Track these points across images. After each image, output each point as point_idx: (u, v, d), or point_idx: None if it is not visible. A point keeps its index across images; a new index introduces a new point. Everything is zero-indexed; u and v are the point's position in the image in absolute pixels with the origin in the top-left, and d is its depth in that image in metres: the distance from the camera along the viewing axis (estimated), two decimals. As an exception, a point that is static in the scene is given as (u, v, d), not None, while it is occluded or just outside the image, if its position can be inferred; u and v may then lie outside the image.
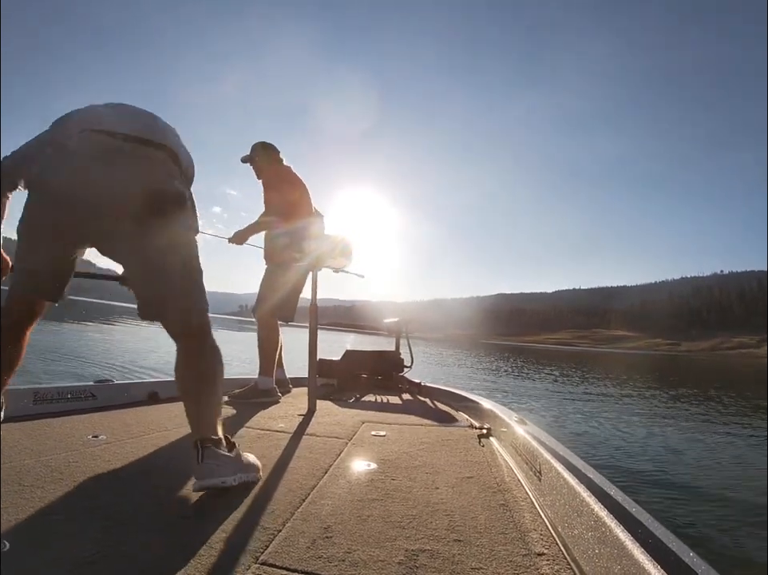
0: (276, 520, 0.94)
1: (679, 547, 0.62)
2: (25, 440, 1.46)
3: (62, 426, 1.69)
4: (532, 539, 0.88)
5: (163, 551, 0.79)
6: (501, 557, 0.81)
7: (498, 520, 0.97)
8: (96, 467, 1.24)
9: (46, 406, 1.93)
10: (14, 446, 1.38)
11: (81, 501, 0.99)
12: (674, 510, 2.92)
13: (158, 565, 0.74)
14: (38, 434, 1.56)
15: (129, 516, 0.94)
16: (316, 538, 0.86)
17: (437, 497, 1.09)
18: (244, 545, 0.82)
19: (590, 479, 0.91)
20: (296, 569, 0.75)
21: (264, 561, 0.77)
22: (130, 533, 0.85)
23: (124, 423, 1.79)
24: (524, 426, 1.46)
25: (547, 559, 0.80)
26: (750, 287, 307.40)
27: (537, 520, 0.98)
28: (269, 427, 1.85)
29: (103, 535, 0.84)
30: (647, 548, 0.61)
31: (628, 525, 0.68)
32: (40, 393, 1.93)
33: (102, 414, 1.96)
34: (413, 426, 1.96)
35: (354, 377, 3.29)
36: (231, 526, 0.90)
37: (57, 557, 0.75)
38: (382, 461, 1.40)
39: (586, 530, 0.77)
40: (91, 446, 1.44)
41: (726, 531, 2.58)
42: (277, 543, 0.84)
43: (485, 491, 1.15)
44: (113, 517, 0.93)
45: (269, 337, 2.67)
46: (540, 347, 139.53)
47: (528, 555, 0.82)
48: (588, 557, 0.74)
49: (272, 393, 2.55)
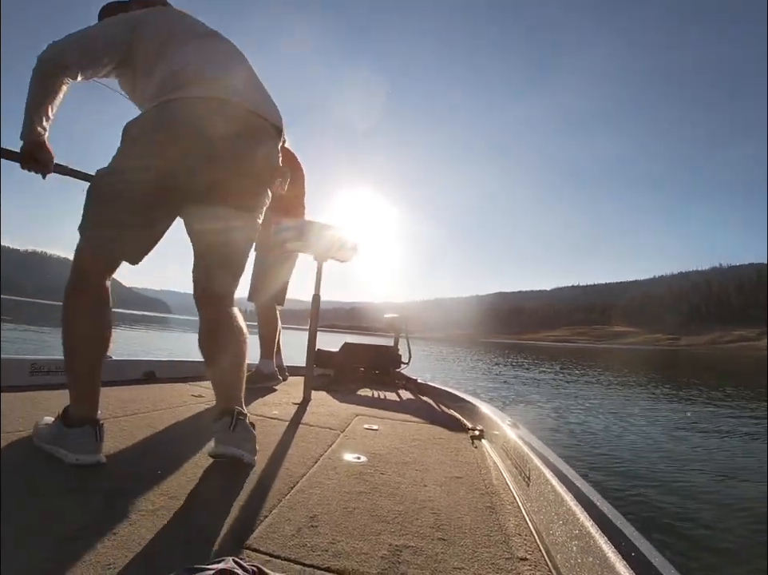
0: (263, 506, 0.95)
1: (662, 563, 0.62)
2: (19, 411, 1.47)
3: (58, 399, 1.70)
4: (515, 543, 0.89)
5: (148, 530, 0.79)
6: (484, 558, 0.81)
7: (483, 522, 0.97)
8: None
9: (43, 377, 1.94)
10: (7, 416, 1.39)
11: (71, 478, 1.00)
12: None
13: (141, 543, 0.75)
14: (33, 405, 1.57)
15: (118, 494, 0.94)
16: (302, 527, 0.86)
17: (424, 495, 1.10)
18: (230, 529, 0.83)
19: (578, 488, 0.91)
20: (279, 556, 0.75)
21: (248, 546, 0.77)
22: (117, 511, 0.86)
23: (120, 400, 1.80)
24: (517, 431, 1.46)
25: (529, 564, 0.81)
26: (749, 280, 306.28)
27: (522, 524, 0.98)
28: (263, 413, 1.86)
29: (89, 512, 0.85)
30: (630, 562, 0.61)
31: (612, 537, 0.68)
32: (37, 364, 1.94)
33: None
34: (406, 423, 1.96)
35: (351, 370, 3.30)
36: (217, 509, 0.91)
37: (43, 531, 0.76)
38: (373, 455, 1.40)
39: (570, 539, 0.78)
40: None
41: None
42: (262, 529, 0.84)
43: (473, 492, 1.15)
44: (101, 495, 0.93)
45: (268, 322, 2.74)
46: (542, 345, 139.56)
47: (510, 559, 0.82)
48: (570, 566, 0.74)
49: (275, 376, 2.65)
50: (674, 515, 2.72)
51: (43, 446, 1.14)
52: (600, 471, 3.60)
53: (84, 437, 1.09)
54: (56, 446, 1.11)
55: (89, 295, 1.18)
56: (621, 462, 3.91)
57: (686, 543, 2.30)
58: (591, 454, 4.20)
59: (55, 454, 1.10)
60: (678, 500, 3.02)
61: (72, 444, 1.09)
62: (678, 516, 2.71)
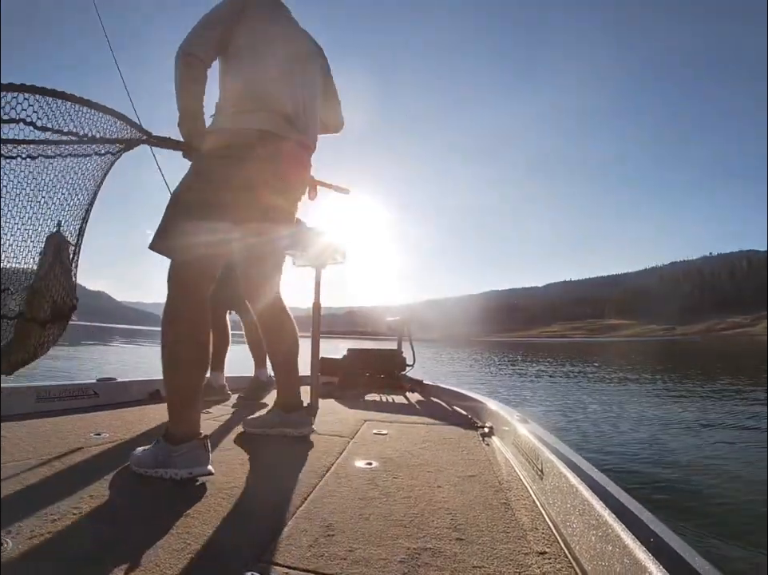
0: (278, 518, 0.94)
1: (681, 546, 0.62)
2: (27, 438, 1.47)
3: (64, 424, 1.69)
4: (533, 538, 0.88)
5: (164, 551, 0.79)
6: (503, 555, 0.81)
7: (500, 518, 0.97)
8: (99, 466, 1.25)
9: (48, 404, 1.94)
10: (16, 445, 1.38)
11: (83, 500, 1.00)
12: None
13: (159, 563, 0.74)
14: (40, 432, 1.56)
15: (131, 515, 0.94)
16: (318, 536, 0.86)
17: (438, 496, 1.09)
18: (246, 543, 0.82)
19: (592, 478, 0.91)
20: (298, 567, 0.75)
21: (266, 559, 0.77)
22: (132, 531, 0.86)
23: (126, 421, 1.80)
24: (527, 425, 1.46)
25: (548, 558, 0.80)
26: (740, 268, 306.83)
27: (539, 519, 0.98)
28: None
29: (104, 534, 0.84)
30: (649, 547, 0.61)
31: (630, 524, 0.68)
32: (42, 391, 1.94)
33: (105, 412, 1.97)
34: (415, 425, 1.96)
35: (357, 375, 3.29)
36: (233, 524, 0.90)
37: (57, 556, 0.76)
38: (384, 459, 1.40)
39: (588, 529, 0.77)
40: (93, 445, 1.45)
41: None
42: (279, 541, 0.84)
43: (487, 490, 1.15)
44: (115, 516, 0.93)
45: (257, 331, 2.66)
46: (539, 341, 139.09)
47: (529, 554, 0.82)
48: (590, 556, 0.74)
49: (271, 382, 2.57)
50: (690, 497, 2.71)
51: (148, 472, 1.17)
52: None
53: (193, 450, 1.15)
54: (162, 467, 1.14)
55: (195, 315, 1.25)
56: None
57: (702, 524, 2.29)
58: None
59: (163, 476, 1.13)
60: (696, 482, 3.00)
61: (181, 460, 1.14)
62: (694, 497, 2.70)
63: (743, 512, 2.49)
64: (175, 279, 1.25)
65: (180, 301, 1.25)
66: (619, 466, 3.55)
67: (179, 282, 1.26)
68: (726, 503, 2.67)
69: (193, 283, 1.26)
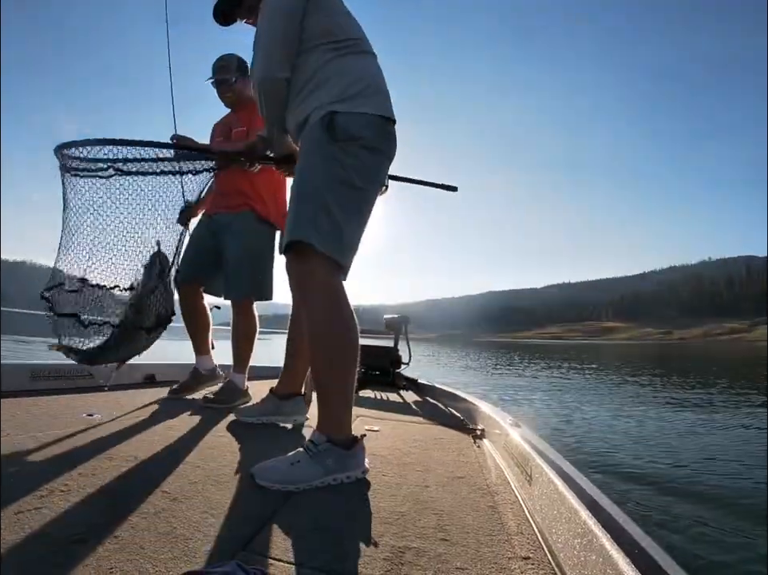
0: (265, 509, 0.94)
1: (665, 560, 0.62)
2: (20, 416, 1.47)
3: (58, 404, 1.70)
4: (518, 542, 0.88)
5: (150, 534, 0.79)
6: (487, 558, 0.81)
7: (486, 521, 0.97)
8: (90, 446, 1.25)
9: (43, 382, 1.94)
10: (9, 421, 1.39)
11: (72, 480, 1.00)
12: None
13: (144, 547, 0.75)
14: (33, 410, 1.57)
15: (120, 496, 0.94)
16: (304, 529, 0.86)
17: (426, 496, 1.10)
18: (232, 531, 0.83)
19: (580, 486, 0.91)
20: (282, 559, 0.75)
21: (252, 549, 0.77)
22: (119, 513, 0.86)
23: (120, 403, 1.80)
24: (518, 430, 1.46)
25: (532, 563, 0.80)
26: (739, 273, 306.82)
27: (525, 524, 0.98)
28: None
29: (92, 514, 0.85)
30: (634, 559, 0.61)
31: (616, 536, 0.68)
32: (37, 370, 1.94)
33: (98, 394, 1.97)
34: (407, 423, 1.96)
35: None
36: (220, 512, 0.91)
37: (44, 533, 0.76)
38: (374, 456, 1.40)
39: (573, 537, 0.77)
40: (85, 425, 1.45)
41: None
42: (265, 532, 0.84)
43: (475, 492, 1.15)
44: (104, 497, 0.93)
45: (249, 324, 2.10)
46: (537, 343, 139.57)
47: (513, 558, 0.82)
48: (573, 564, 0.74)
49: (246, 393, 2.08)
50: (679, 511, 2.72)
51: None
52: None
53: (361, 451, 1.20)
54: (340, 473, 1.14)
55: (352, 315, 1.23)
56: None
57: (689, 539, 2.30)
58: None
59: (331, 482, 1.12)
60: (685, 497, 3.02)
61: (354, 462, 1.17)
62: (682, 510, 2.71)
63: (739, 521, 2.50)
64: (332, 279, 1.18)
65: (342, 302, 1.19)
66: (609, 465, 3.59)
67: (336, 282, 1.19)
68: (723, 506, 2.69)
69: (342, 283, 1.22)
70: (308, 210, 1.16)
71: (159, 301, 1.35)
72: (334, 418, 1.19)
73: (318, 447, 1.13)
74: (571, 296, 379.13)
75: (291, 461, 1.12)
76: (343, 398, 1.21)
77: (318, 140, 1.19)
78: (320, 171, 1.18)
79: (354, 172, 1.19)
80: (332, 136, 1.18)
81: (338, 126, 1.18)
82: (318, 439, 1.15)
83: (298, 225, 1.15)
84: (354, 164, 1.19)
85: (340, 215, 1.17)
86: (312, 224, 1.14)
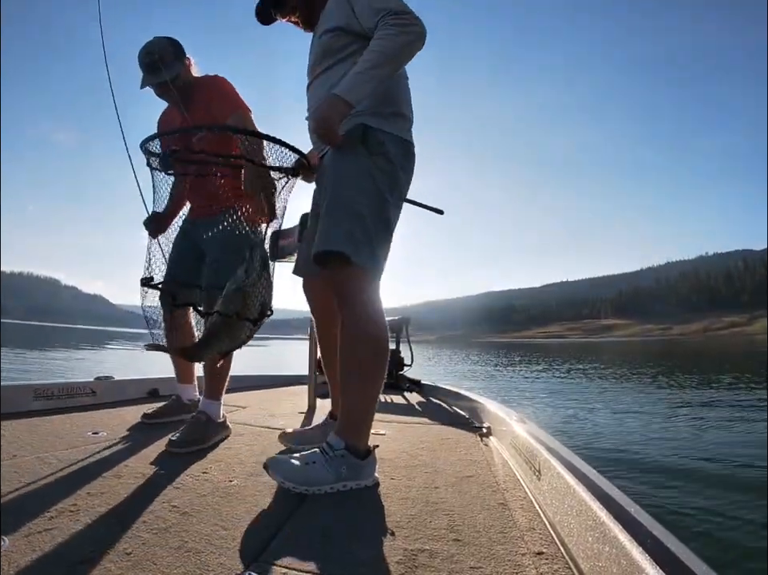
0: (276, 518, 0.94)
1: (679, 548, 0.62)
2: (24, 436, 1.46)
3: (62, 423, 1.69)
4: (531, 538, 0.88)
5: (161, 549, 0.79)
6: (500, 556, 0.81)
7: (497, 519, 0.97)
8: (96, 464, 1.25)
9: (46, 402, 1.93)
10: (14, 443, 1.38)
11: (80, 499, 1.00)
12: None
13: (156, 562, 0.74)
14: (38, 430, 1.56)
15: (128, 513, 0.94)
16: (316, 537, 0.86)
17: (436, 497, 1.10)
18: (244, 544, 0.82)
19: (589, 479, 0.91)
20: (295, 568, 0.75)
21: (265, 559, 0.77)
22: (128, 530, 0.85)
23: (124, 420, 1.80)
24: (524, 425, 1.46)
25: (546, 558, 0.80)
26: (737, 267, 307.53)
27: (536, 519, 0.98)
28: (269, 425, 1.85)
29: (101, 533, 0.84)
30: (646, 548, 0.61)
31: (628, 526, 0.68)
32: (40, 389, 1.93)
33: (102, 411, 1.97)
34: (413, 425, 1.96)
35: None
36: (231, 524, 0.90)
37: (55, 554, 0.75)
38: (382, 460, 1.40)
39: (585, 530, 0.77)
40: (90, 443, 1.44)
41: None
42: (277, 542, 0.84)
43: (485, 490, 1.15)
44: (112, 515, 0.93)
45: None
46: (539, 342, 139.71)
47: (526, 554, 0.82)
48: (587, 557, 0.74)
49: (225, 427, 1.67)
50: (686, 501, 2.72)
51: (332, 487, 1.10)
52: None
53: (374, 461, 1.20)
54: (351, 480, 1.12)
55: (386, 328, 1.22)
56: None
57: (702, 528, 2.30)
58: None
59: (342, 488, 1.11)
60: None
61: (367, 471, 1.16)
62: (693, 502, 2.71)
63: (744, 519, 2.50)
64: (370, 291, 1.21)
65: (380, 315, 1.21)
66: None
67: (373, 291, 1.21)
68: (727, 504, 2.69)
69: (378, 292, 1.24)
70: (345, 222, 1.17)
71: (263, 291, 1.32)
72: (355, 426, 1.19)
73: (335, 452, 1.13)
74: (570, 294, 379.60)
75: (307, 460, 1.12)
76: (369, 406, 1.20)
77: (355, 152, 1.20)
78: (358, 183, 1.20)
79: (386, 186, 1.22)
80: (368, 150, 1.19)
81: (373, 140, 1.20)
82: (336, 444, 1.14)
83: (336, 236, 1.16)
84: (385, 180, 1.22)
85: (374, 228, 1.19)
86: (349, 237, 1.16)
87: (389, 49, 1.15)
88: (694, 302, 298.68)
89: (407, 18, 1.16)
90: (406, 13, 1.17)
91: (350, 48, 1.27)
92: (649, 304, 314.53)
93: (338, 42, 1.28)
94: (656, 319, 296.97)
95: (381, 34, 1.16)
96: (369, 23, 1.21)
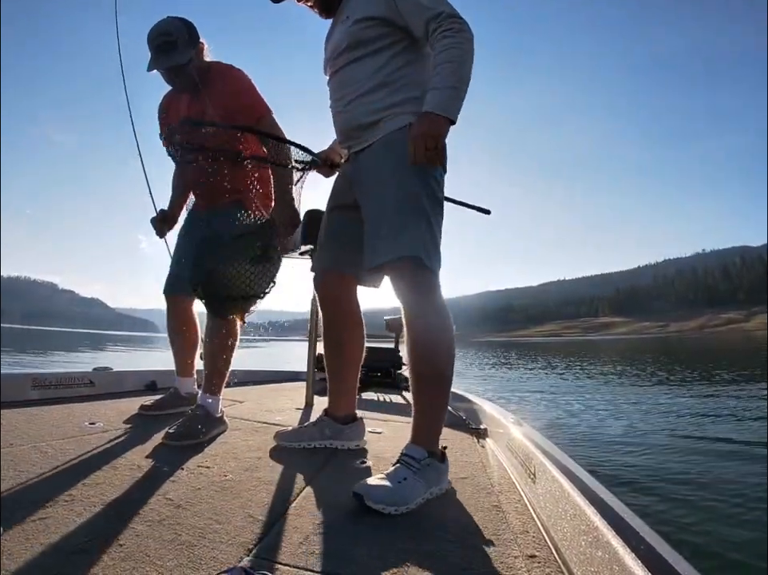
0: (270, 513, 0.94)
1: (671, 555, 0.62)
2: (22, 426, 1.47)
3: (59, 413, 1.69)
4: (524, 541, 0.88)
5: (155, 541, 0.79)
6: (493, 558, 0.81)
7: (491, 521, 0.97)
8: (92, 455, 1.25)
9: (44, 391, 1.94)
10: (11, 431, 1.38)
11: (76, 489, 1.00)
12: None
13: (149, 554, 0.74)
14: (35, 420, 1.56)
15: (123, 504, 0.94)
16: (309, 533, 0.86)
17: None
18: (237, 537, 0.82)
19: (584, 483, 0.91)
20: (288, 563, 0.75)
21: (257, 554, 0.77)
22: (123, 521, 0.86)
23: (121, 412, 1.80)
24: (520, 428, 1.46)
25: (538, 561, 0.80)
26: (734, 264, 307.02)
27: (530, 522, 0.98)
28: (266, 420, 1.86)
29: (96, 523, 0.84)
30: (639, 554, 0.61)
31: (621, 531, 0.68)
32: (38, 379, 1.94)
33: (100, 402, 1.97)
34: (410, 425, 1.95)
35: None
36: (224, 518, 0.90)
37: (49, 544, 0.76)
38: (377, 458, 1.40)
39: (578, 534, 0.77)
40: (87, 434, 1.45)
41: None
42: (270, 537, 0.84)
43: (479, 492, 1.15)
44: (107, 506, 0.93)
45: (230, 330, 1.68)
46: (537, 341, 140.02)
47: (519, 557, 0.82)
48: (580, 561, 0.74)
49: (222, 421, 1.66)
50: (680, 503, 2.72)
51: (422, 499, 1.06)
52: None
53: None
54: (437, 485, 1.11)
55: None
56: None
57: (694, 533, 2.30)
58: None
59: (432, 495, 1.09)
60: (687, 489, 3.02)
61: (446, 473, 1.16)
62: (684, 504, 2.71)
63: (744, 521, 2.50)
64: (441, 295, 1.20)
65: (451, 321, 1.20)
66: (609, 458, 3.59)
67: (442, 299, 1.21)
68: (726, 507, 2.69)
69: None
70: (418, 226, 1.16)
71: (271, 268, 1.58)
72: (433, 431, 1.18)
73: (420, 463, 1.10)
74: (567, 293, 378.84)
75: (398, 478, 1.06)
76: (444, 411, 1.21)
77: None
78: (422, 185, 1.18)
79: (438, 187, 1.22)
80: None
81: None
82: (419, 455, 1.12)
83: (415, 240, 1.15)
84: (438, 180, 1.22)
85: (437, 229, 1.20)
86: (422, 241, 1.15)
87: (465, 59, 1.13)
88: (692, 299, 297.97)
89: (463, 23, 1.15)
90: (460, 17, 1.15)
91: (384, 41, 1.22)
92: (647, 302, 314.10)
93: (370, 33, 1.22)
94: (654, 317, 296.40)
95: (451, 42, 1.12)
96: (417, 20, 1.17)
